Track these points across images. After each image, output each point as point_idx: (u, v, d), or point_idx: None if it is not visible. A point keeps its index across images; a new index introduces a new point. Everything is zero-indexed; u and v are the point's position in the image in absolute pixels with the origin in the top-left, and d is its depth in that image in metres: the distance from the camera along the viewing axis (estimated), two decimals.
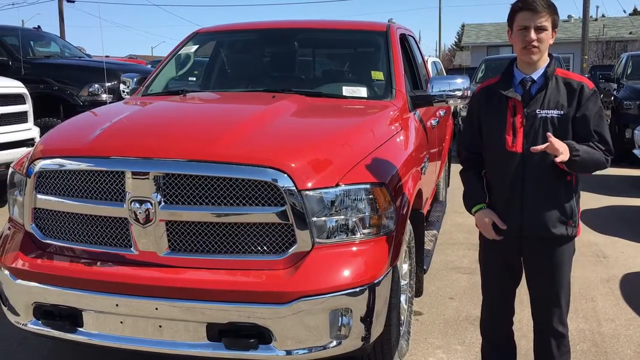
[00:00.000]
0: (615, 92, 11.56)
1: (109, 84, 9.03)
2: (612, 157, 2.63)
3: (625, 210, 7.25)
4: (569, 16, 41.33)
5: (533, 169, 2.59)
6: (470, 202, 2.81)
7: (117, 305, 2.73)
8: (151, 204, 2.71)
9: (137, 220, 2.74)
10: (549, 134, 2.49)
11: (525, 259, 2.76)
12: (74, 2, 30.22)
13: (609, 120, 11.32)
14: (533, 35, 2.55)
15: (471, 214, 2.81)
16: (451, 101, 4.10)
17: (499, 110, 2.66)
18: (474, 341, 3.67)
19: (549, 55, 2.67)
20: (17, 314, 2.99)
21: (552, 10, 2.57)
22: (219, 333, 2.68)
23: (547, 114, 2.58)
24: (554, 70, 2.63)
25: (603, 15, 44.86)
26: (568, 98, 2.59)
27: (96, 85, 9.16)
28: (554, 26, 2.60)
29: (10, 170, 3.27)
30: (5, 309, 3.08)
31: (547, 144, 2.45)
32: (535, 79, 2.63)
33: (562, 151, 2.44)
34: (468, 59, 44.33)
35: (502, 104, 2.66)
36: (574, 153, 2.47)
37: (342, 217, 2.75)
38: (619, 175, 9.17)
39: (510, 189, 2.64)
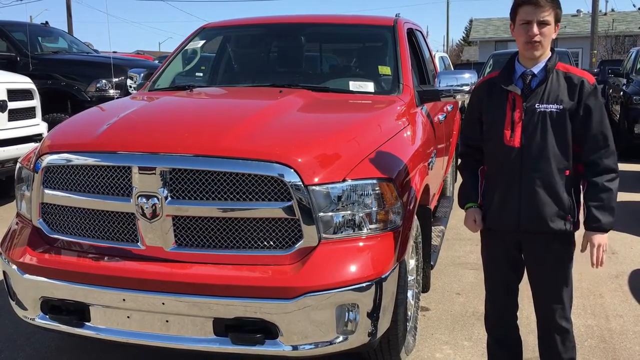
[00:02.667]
0: (624, 87, 11.46)
1: (117, 79, 9.05)
2: (615, 157, 2.63)
3: (634, 206, 7.19)
4: (578, 11, 41.07)
5: (530, 164, 2.58)
6: (463, 200, 2.88)
7: (124, 300, 2.73)
8: (158, 199, 2.71)
9: (143, 215, 2.74)
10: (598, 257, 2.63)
11: (526, 254, 2.76)
12: None
13: (617, 115, 11.24)
14: (535, 30, 2.53)
15: (463, 210, 2.88)
16: (459, 96, 4.08)
17: (499, 104, 2.66)
18: (481, 337, 3.66)
19: (551, 49, 2.65)
20: (24, 309, 3.01)
21: (555, 5, 2.55)
22: (225, 328, 2.68)
23: (546, 108, 2.56)
24: (555, 64, 2.61)
25: (612, 10, 44.47)
26: (568, 93, 2.57)
27: (103, 81, 9.19)
28: (557, 20, 2.58)
29: (18, 165, 3.29)
30: (13, 303, 3.10)
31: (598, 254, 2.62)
32: (535, 72, 2.62)
33: (605, 241, 2.63)
34: (476, 54, 44.14)
35: (503, 97, 2.65)
36: (604, 226, 2.62)
37: (349, 212, 2.74)
38: (628, 171, 9.11)
39: (508, 183, 2.64)
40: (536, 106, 2.57)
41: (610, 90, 12.95)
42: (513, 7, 2.61)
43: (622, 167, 9.04)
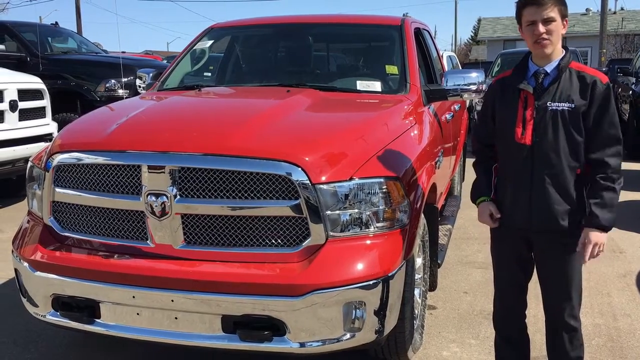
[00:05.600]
0: (633, 86, 11.40)
1: (126, 79, 9.11)
2: (621, 158, 2.63)
3: None
4: (587, 9, 40.87)
5: (542, 162, 2.59)
6: (475, 195, 2.87)
7: (133, 297, 2.76)
8: (167, 197, 2.74)
9: (153, 213, 2.77)
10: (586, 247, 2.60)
11: (536, 252, 2.76)
12: None
13: (627, 114, 11.18)
14: (541, 28, 2.54)
15: (475, 205, 2.86)
16: (465, 95, 4.08)
17: (511, 102, 2.67)
18: (488, 335, 3.67)
19: (564, 47, 2.66)
20: (36, 306, 3.05)
21: (557, 1, 2.55)
22: (233, 325, 2.71)
23: (558, 106, 2.57)
24: (568, 63, 2.62)
25: (622, 8, 44.20)
26: (580, 92, 2.57)
27: (113, 81, 9.24)
28: (563, 16, 2.58)
29: (29, 164, 3.33)
30: (24, 300, 3.14)
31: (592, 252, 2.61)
32: (548, 71, 2.62)
33: (602, 240, 2.61)
34: (484, 53, 44.00)
35: (515, 96, 2.66)
36: (602, 222, 2.59)
37: (356, 210, 2.76)
38: (636, 170, 9.06)
39: (519, 181, 2.65)
40: (548, 104, 2.58)
41: (620, 90, 12.88)
42: (517, 9, 2.63)
43: (630, 166, 9.06)
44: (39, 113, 7.36)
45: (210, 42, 5.08)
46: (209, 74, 5.25)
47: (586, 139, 2.59)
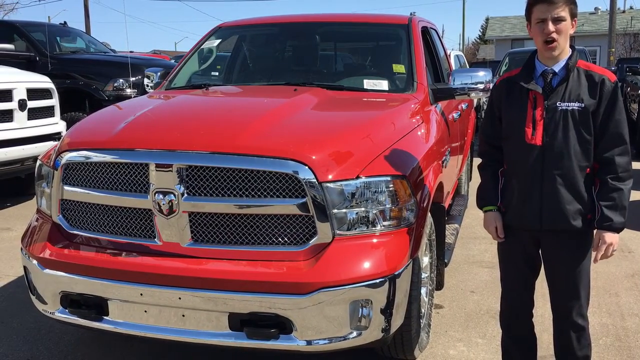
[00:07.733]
0: None
1: (134, 78, 9.15)
2: (629, 156, 2.62)
3: None
4: (596, 8, 40.65)
5: (552, 162, 2.58)
6: (482, 202, 2.86)
7: (141, 294, 2.78)
8: (174, 195, 2.75)
9: (160, 211, 2.79)
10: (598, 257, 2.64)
11: (544, 252, 2.75)
12: None
13: (635, 114, 11.12)
14: (551, 27, 2.53)
15: (481, 210, 2.86)
16: (473, 94, 4.08)
17: (519, 103, 2.65)
18: (495, 334, 3.67)
19: (571, 47, 2.65)
20: (44, 303, 3.07)
21: (569, 0, 2.55)
22: (240, 323, 2.72)
23: (568, 106, 2.56)
24: (576, 62, 2.61)
25: (631, 7, 43.97)
26: (589, 91, 2.57)
27: (121, 80, 9.28)
28: (573, 16, 2.58)
29: (38, 162, 3.35)
30: (33, 297, 3.16)
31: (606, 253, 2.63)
32: (556, 71, 2.61)
33: (615, 240, 2.60)
34: (492, 52, 43.86)
35: (523, 96, 2.65)
36: (616, 225, 2.58)
37: (363, 209, 2.76)
38: None
39: (529, 181, 2.64)
40: (557, 104, 2.57)
41: (628, 89, 12.80)
42: (527, 7, 2.62)
43: (637, 166, 8.95)
44: (47, 112, 7.40)
45: (218, 41, 5.10)
46: (216, 73, 5.26)
47: (594, 137, 2.59)
